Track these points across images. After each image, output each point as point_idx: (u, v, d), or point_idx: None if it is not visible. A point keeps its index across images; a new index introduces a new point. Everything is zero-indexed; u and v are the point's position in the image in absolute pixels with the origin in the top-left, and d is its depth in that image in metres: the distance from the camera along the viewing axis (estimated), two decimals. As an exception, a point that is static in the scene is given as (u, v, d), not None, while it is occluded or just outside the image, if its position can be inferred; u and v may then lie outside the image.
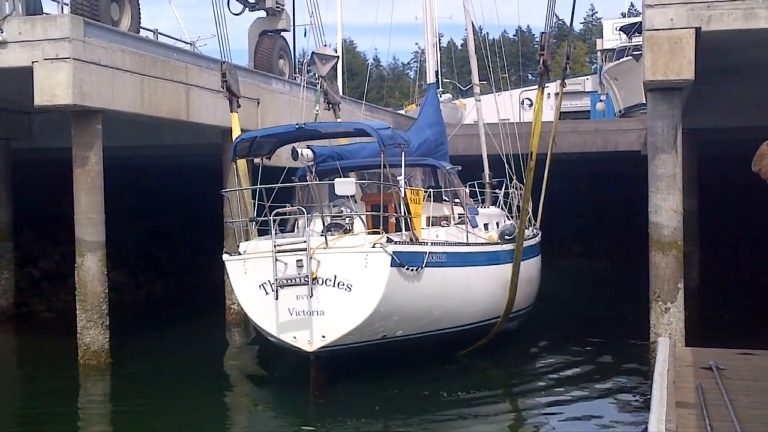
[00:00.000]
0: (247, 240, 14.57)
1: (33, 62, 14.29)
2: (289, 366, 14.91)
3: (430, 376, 14.38)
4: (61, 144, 16.16)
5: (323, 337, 13.01)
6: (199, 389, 14.02)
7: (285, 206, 14.18)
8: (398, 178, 14.35)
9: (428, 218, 15.47)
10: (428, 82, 21.15)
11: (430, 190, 16.07)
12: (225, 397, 14.04)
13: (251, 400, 14.22)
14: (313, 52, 21.64)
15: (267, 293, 13.33)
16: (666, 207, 12.56)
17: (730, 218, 27.74)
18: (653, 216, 12.68)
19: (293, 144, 15.76)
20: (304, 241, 13.11)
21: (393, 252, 13.21)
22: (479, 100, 23.52)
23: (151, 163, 25.54)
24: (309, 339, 13.04)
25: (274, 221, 13.44)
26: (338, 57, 22.79)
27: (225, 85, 16.85)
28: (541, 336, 18.86)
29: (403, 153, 14.58)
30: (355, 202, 15.80)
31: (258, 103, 20.35)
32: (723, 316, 17.85)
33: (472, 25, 24.13)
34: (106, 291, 15.54)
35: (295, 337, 13.17)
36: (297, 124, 15.09)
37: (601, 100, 46.70)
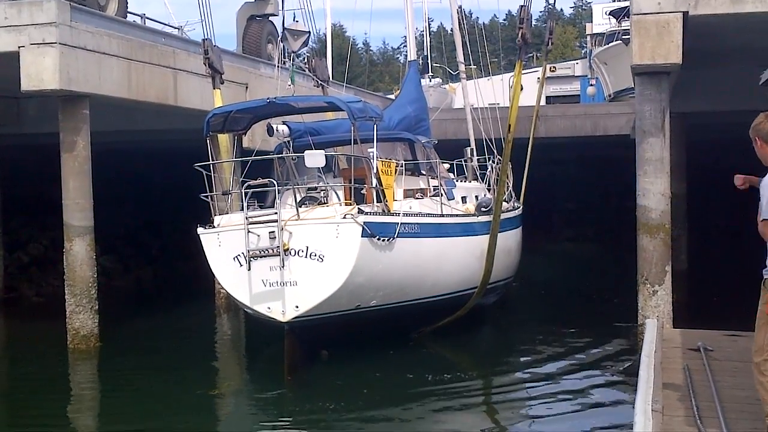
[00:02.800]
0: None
1: (19, 47, 14.21)
2: (277, 350, 14.91)
3: (412, 358, 14.46)
4: (50, 129, 16.11)
5: (297, 307, 13.11)
6: (187, 374, 14.03)
7: (261, 188, 14.16)
8: (369, 150, 14.37)
9: (404, 191, 15.50)
10: (409, 59, 21.13)
11: (404, 161, 16.01)
12: (213, 381, 14.06)
13: (239, 383, 14.27)
14: (284, 28, 21.56)
15: (241, 265, 13.43)
16: (654, 190, 12.61)
17: (718, 202, 27.78)
18: (641, 199, 12.73)
19: (269, 120, 15.74)
20: (276, 213, 13.20)
21: (364, 222, 13.30)
22: (464, 78, 23.50)
23: (139, 148, 25.45)
24: (282, 309, 13.13)
25: (247, 194, 13.51)
26: (309, 32, 22.72)
27: (207, 62, 16.86)
28: (529, 317, 18.97)
29: (375, 126, 14.62)
30: (334, 176, 15.81)
31: (246, 87, 20.30)
32: (711, 299, 17.94)
33: (461, 8, 24.13)
34: (95, 276, 15.53)
35: (269, 308, 13.28)
36: (267, 99, 15.12)
37: (590, 85, 46.77)
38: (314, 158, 13.75)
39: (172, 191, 26.23)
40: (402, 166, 15.58)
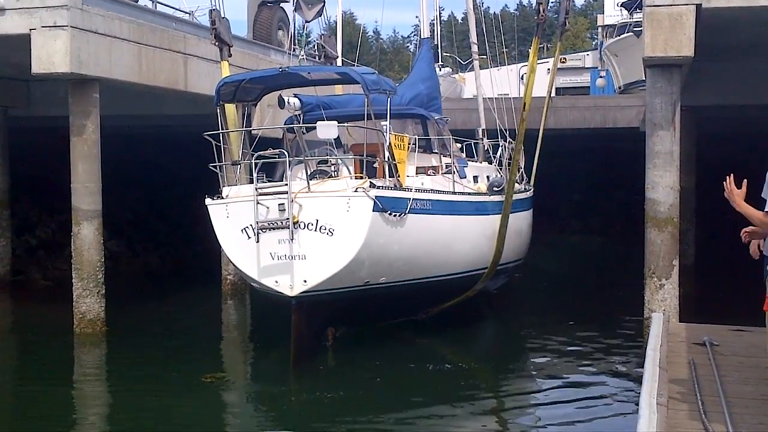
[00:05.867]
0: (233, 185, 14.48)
1: (31, 30, 14.22)
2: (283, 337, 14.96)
3: (413, 348, 14.50)
4: (60, 112, 16.14)
5: (305, 281, 12.97)
6: (192, 360, 14.06)
7: (272, 158, 14.06)
8: (383, 123, 14.23)
9: (416, 168, 15.40)
10: (422, 37, 21.01)
11: (416, 136, 15.84)
12: (218, 367, 14.03)
13: (244, 369, 14.35)
14: None
15: (249, 237, 13.30)
16: (663, 184, 12.57)
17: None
18: (650, 192, 12.69)
19: (280, 92, 15.64)
20: (286, 185, 13.09)
21: (375, 196, 13.17)
22: (476, 59, 23.33)
23: (149, 133, 25.47)
24: (290, 283, 13.00)
25: (257, 165, 13.39)
26: (324, 2, 22.54)
27: (215, 33, 16.67)
28: (534, 309, 18.96)
29: (389, 99, 14.49)
30: (345, 152, 15.71)
31: (257, 74, 20.27)
32: (718, 294, 17.91)
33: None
34: (103, 260, 15.56)
35: (276, 282, 13.14)
36: (280, 68, 14.97)
37: (601, 76, 46.58)
38: (327, 129, 13.49)
39: (180, 176, 26.31)
40: (415, 143, 15.46)
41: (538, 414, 11.23)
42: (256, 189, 13.18)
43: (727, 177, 6.53)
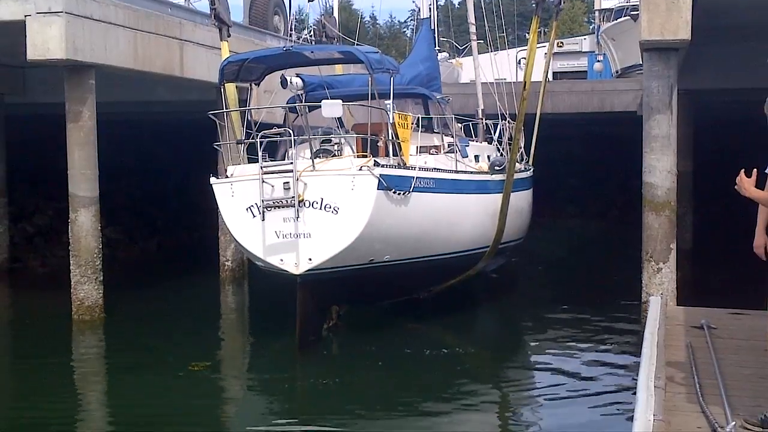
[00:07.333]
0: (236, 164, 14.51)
1: (25, 16, 14.14)
2: (281, 322, 14.98)
3: (410, 331, 14.51)
4: (55, 99, 16.09)
5: (310, 260, 13.02)
6: (191, 346, 14.04)
7: (276, 137, 14.10)
8: (386, 102, 14.24)
9: (418, 147, 15.42)
10: (422, 17, 20.92)
11: (419, 115, 15.82)
12: (217, 354, 14.10)
13: (243, 356, 14.38)
14: None
15: (254, 216, 13.34)
16: (660, 167, 12.55)
17: (725, 180, 27.63)
18: (647, 176, 12.67)
19: (282, 72, 15.62)
20: (291, 163, 13.12)
21: (380, 175, 13.21)
22: (474, 41, 23.19)
23: (145, 120, 25.42)
24: (296, 262, 13.03)
25: (261, 143, 13.40)
26: None
27: (214, 13, 16.60)
28: (531, 294, 18.98)
29: (392, 79, 14.51)
30: (347, 132, 15.72)
31: (253, 59, 20.19)
32: (715, 277, 17.92)
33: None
34: (100, 247, 15.55)
35: (281, 260, 13.18)
36: (284, 47, 14.96)
37: (598, 61, 46.44)
38: (332, 108, 13.50)
39: (177, 163, 26.31)
40: (417, 122, 15.40)
41: (535, 396, 11.26)
42: (261, 167, 13.21)
43: (740, 171, 6.53)
